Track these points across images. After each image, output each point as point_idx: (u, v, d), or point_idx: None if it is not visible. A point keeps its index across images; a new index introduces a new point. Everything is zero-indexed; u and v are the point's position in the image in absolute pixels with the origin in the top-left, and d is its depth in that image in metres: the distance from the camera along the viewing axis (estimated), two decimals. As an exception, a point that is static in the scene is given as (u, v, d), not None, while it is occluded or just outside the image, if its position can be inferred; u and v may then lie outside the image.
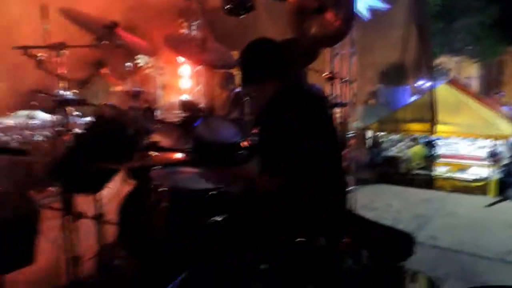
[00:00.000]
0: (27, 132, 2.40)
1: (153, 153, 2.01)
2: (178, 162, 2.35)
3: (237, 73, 5.88)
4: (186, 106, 2.97)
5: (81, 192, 2.36)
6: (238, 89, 4.80)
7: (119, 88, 2.61)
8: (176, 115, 3.11)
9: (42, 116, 2.86)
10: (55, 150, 2.29)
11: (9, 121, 2.76)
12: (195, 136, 2.61)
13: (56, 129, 2.31)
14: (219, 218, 2.24)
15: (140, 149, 2.01)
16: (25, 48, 2.09)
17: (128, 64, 2.84)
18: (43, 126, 2.45)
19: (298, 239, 1.92)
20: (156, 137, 2.39)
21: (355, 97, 4.91)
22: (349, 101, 4.50)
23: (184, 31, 4.84)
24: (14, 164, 2.25)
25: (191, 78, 9.89)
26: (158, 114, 3.04)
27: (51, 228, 2.70)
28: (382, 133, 12.28)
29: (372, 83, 10.85)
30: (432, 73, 8.68)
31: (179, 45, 2.96)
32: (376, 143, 12.15)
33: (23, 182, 2.34)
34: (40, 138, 2.34)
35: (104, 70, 2.18)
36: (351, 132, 4.85)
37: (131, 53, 2.95)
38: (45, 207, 2.45)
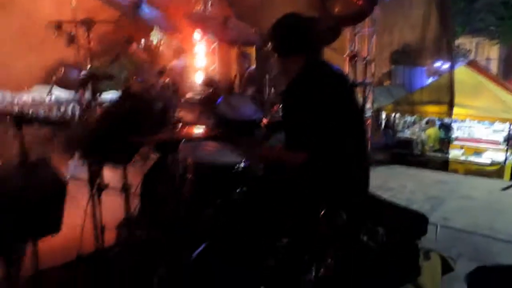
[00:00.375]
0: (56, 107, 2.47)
1: (179, 128, 2.06)
2: (203, 137, 2.41)
3: (252, 51, 5.88)
4: (208, 83, 3.01)
5: (110, 164, 2.44)
6: (252, 68, 4.82)
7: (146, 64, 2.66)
8: (196, 92, 3.15)
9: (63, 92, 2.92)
10: (86, 123, 2.36)
11: (35, 95, 2.84)
12: (218, 113, 2.66)
13: (86, 104, 2.38)
14: (241, 192, 2.32)
15: (167, 123, 2.08)
16: (57, 24, 2.13)
17: (142, 41, 2.86)
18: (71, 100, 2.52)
19: (320, 213, 1.98)
20: (180, 113, 2.45)
21: (373, 78, 4.87)
22: (368, 81, 4.47)
23: (203, 7, 4.83)
24: (53, 135, 2.33)
25: (206, 56, 9.86)
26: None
27: (78, 199, 2.82)
28: (397, 115, 12.17)
29: (388, 64, 10.68)
30: (452, 54, 8.50)
31: (200, 22, 2.97)
32: (390, 124, 12.06)
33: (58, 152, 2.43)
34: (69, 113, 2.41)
35: (132, 47, 2.21)
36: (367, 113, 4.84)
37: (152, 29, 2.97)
38: (73, 177, 2.55)
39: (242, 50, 4.37)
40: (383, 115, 12.24)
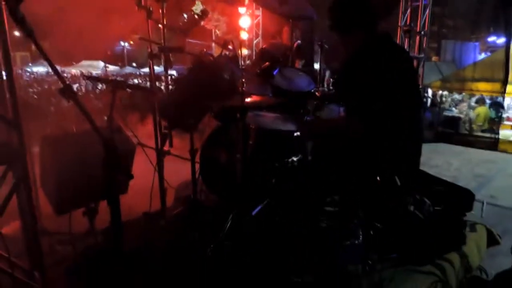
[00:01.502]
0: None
1: (243, 97, 2.23)
2: (264, 106, 2.59)
3: (298, 25, 5.90)
4: (265, 55, 3.15)
5: (179, 129, 2.67)
6: (299, 41, 4.88)
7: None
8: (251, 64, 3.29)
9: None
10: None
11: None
12: (274, 85, 2.81)
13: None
14: (296, 158, 2.49)
15: (234, 92, 2.25)
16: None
17: (184, 15, 2.99)
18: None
19: (374, 179, 2.12)
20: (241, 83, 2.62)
21: (424, 52, 4.78)
22: (421, 56, 4.40)
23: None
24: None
25: (249, 31, 9.90)
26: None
27: (143, 162, 3.10)
28: (444, 92, 11.75)
29: (437, 38, 10.25)
30: (509, 27, 8.03)
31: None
32: (437, 102, 11.68)
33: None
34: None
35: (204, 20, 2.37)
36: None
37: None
38: (139, 143, 2.81)
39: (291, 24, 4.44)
40: (430, 92, 11.88)
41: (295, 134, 2.49)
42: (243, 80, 2.29)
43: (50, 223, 3.05)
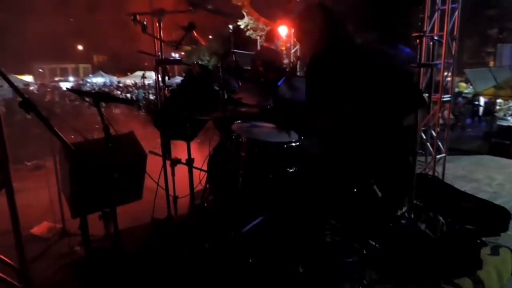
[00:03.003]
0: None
1: (235, 108, 2.23)
2: (257, 117, 2.56)
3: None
4: (269, 66, 3.12)
5: (177, 139, 2.73)
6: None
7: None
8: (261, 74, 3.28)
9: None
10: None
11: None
12: (277, 95, 2.78)
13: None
14: (291, 169, 2.43)
15: (223, 103, 2.26)
16: (133, 14, 2.43)
17: (230, 26, 3.05)
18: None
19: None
20: (239, 94, 2.62)
21: (454, 57, 4.43)
22: (448, 61, 4.11)
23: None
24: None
25: (287, 39, 9.91)
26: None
27: (154, 170, 3.20)
28: (499, 100, 10.88)
29: (490, 42, 9.56)
30: None
31: (264, 6, 3.06)
32: (490, 110, 10.83)
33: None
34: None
35: (195, 32, 2.42)
36: (447, 95, 4.46)
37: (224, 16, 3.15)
38: (150, 152, 2.90)
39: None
40: (481, 100, 11.05)
41: (292, 145, 2.44)
42: (241, 91, 2.30)
43: (73, 225, 3.20)
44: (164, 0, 2.76)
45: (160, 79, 2.62)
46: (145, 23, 2.41)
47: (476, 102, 10.87)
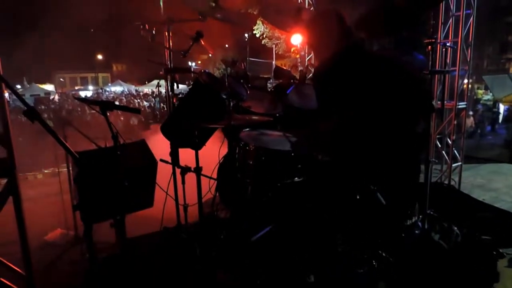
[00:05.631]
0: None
1: (243, 116, 2.22)
2: (265, 125, 2.55)
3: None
4: (279, 74, 3.11)
5: (185, 147, 2.73)
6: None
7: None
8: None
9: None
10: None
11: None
12: (286, 102, 2.76)
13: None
14: (299, 179, 2.40)
15: (230, 112, 2.25)
16: (142, 24, 2.47)
17: (246, 35, 3.07)
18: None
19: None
20: (248, 102, 2.62)
21: (469, 64, 4.32)
22: (463, 68, 4.01)
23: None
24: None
25: (302, 47, 9.87)
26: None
27: (164, 178, 3.21)
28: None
29: (510, 49, 9.34)
30: None
31: (273, 15, 3.06)
32: (510, 118, 10.54)
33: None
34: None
35: (202, 41, 2.44)
36: (462, 103, 4.33)
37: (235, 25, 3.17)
38: (161, 160, 2.92)
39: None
40: (501, 107, 10.75)
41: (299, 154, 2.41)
42: (250, 99, 2.29)
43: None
44: (181, 10, 2.80)
45: (169, 87, 2.65)
46: (153, 32, 2.45)
47: (496, 109, 10.59)
